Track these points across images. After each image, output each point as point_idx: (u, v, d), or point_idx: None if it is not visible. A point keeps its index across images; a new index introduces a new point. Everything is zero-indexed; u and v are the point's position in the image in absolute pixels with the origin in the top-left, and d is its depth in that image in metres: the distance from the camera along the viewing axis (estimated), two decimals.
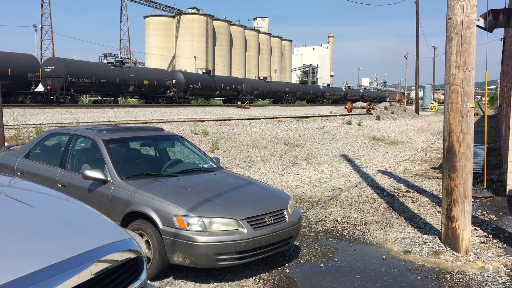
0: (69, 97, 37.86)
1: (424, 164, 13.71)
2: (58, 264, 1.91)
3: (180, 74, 50.76)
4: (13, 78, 33.18)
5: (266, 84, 65.65)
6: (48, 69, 37.13)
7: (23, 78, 34.02)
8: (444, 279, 5.09)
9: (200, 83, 51.93)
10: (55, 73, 36.82)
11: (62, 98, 37.18)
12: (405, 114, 39.38)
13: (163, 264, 4.72)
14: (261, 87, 63.68)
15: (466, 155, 5.79)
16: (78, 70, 38.72)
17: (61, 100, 36.95)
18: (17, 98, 34.47)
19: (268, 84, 65.83)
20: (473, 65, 5.74)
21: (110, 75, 41.48)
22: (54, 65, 37.76)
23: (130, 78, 42.87)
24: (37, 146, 6.63)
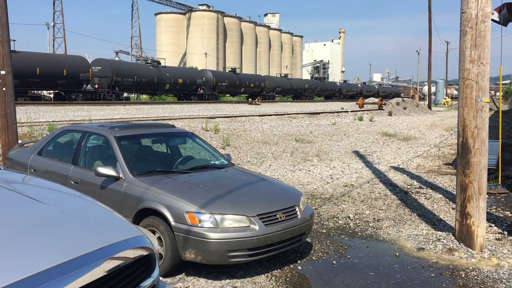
0: (114, 95, 40.89)
1: (437, 160, 13.58)
2: (70, 261, 1.91)
3: (209, 73, 53.38)
4: (68, 78, 36.39)
5: (287, 81, 68.06)
6: (96, 70, 39.90)
7: (76, 78, 37.15)
8: (459, 276, 5.03)
9: (227, 81, 55.04)
10: (102, 73, 39.91)
11: (109, 96, 40.16)
12: (417, 110, 39.05)
13: (175, 260, 4.73)
14: (283, 84, 66.28)
15: (480, 151, 5.71)
16: (122, 70, 42.05)
17: (107, 98, 39.77)
18: (71, 96, 37.49)
19: (289, 81, 68.31)
20: (488, 60, 5.65)
21: (149, 74, 44.72)
22: (101, 65, 40.67)
23: (166, 77, 46.14)
24: (50, 144, 6.67)
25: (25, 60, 33.35)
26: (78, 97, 37.97)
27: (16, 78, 30.50)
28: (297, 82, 71.91)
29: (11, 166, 6.79)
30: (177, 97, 50.39)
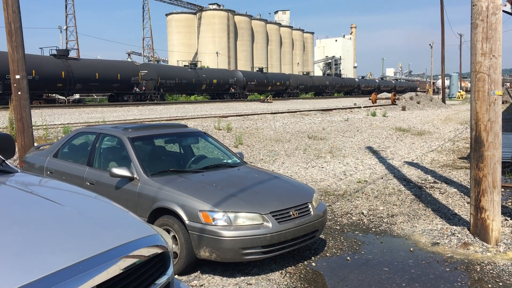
0: (159, 95, 44.73)
1: (452, 154, 13.47)
2: (87, 260, 1.97)
3: (240, 73, 57.67)
4: (121, 82, 40.63)
5: (309, 78, 72.83)
6: (143, 73, 43.70)
7: (128, 81, 41.44)
8: (474, 270, 5.01)
9: (256, 80, 59.50)
10: (149, 76, 43.80)
11: (155, 96, 43.92)
12: (431, 104, 38.69)
13: (190, 259, 4.79)
14: (305, 82, 70.52)
15: (494, 144, 5.66)
16: (165, 73, 46.31)
17: (153, 98, 43.60)
18: (123, 97, 41.57)
19: (311, 79, 73.12)
20: (500, 52, 5.61)
21: (188, 76, 48.88)
22: (147, 69, 44.82)
23: (203, 78, 50.34)
24: (65, 146, 6.78)
25: (86, 67, 37.42)
26: (130, 99, 41.66)
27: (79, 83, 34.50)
28: (319, 79, 76.55)
29: (28, 169, 6.92)
30: (211, 96, 54.27)
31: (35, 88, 32.89)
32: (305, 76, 74.03)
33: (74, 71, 36.37)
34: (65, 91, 37.09)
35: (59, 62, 35.69)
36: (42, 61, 35.31)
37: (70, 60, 36.97)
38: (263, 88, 61.81)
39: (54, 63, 35.57)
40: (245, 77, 57.15)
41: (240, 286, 4.62)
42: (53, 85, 35.33)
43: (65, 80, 35.70)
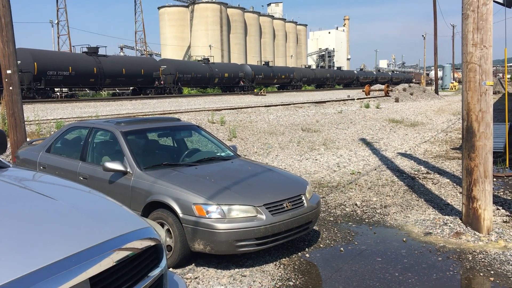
0: (177, 89, 47.35)
1: (445, 145, 13.55)
2: (80, 253, 1.98)
3: (248, 67, 59.90)
4: (144, 76, 43.23)
5: (311, 71, 76.16)
6: (162, 68, 45.90)
7: (150, 76, 43.94)
8: (466, 259, 5.07)
9: (263, 73, 61.89)
10: (168, 71, 46.34)
11: (173, 90, 46.57)
12: (424, 95, 38.81)
13: (185, 252, 4.81)
14: (308, 74, 73.60)
15: (485, 134, 5.71)
16: (183, 68, 48.96)
17: (171, 92, 46.22)
18: (146, 91, 44.35)
19: (313, 72, 76.36)
20: (491, 43, 5.63)
21: (202, 70, 51.31)
22: (166, 64, 47.15)
23: (215, 72, 52.98)
24: (58, 141, 6.76)
25: (114, 63, 40.45)
26: (151, 92, 44.34)
27: (108, 78, 40.31)
28: (320, 72, 79.66)
29: (20, 164, 6.90)
30: (222, 89, 57.02)
31: (71, 83, 37.56)
32: (308, 69, 77.24)
33: (104, 67, 39.04)
34: (96, 85, 39.94)
35: (91, 59, 38.51)
36: (76, 58, 38.06)
37: (100, 57, 39.82)
38: (270, 81, 64.42)
39: (87, 59, 38.23)
40: (253, 71, 59.47)
41: (234, 278, 4.65)
42: (86, 80, 38.16)
43: (97, 75, 38.38)
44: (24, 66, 32.35)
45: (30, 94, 33.51)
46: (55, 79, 35.36)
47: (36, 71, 33.46)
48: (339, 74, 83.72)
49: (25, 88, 32.59)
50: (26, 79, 32.68)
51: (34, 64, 33.37)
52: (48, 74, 34.37)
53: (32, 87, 33.62)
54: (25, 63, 32.66)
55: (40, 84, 34.30)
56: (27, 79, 32.99)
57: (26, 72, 32.49)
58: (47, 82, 34.70)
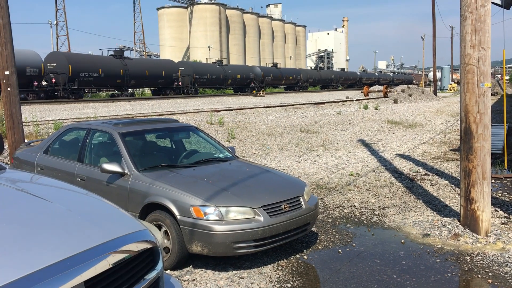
0: (194, 89, 50.34)
1: (443, 147, 13.55)
2: (75, 256, 1.96)
3: (258, 69, 63.03)
4: (165, 78, 46.25)
5: (317, 73, 79.50)
6: (181, 70, 48.98)
7: (170, 77, 46.91)
8: (464, 261, 5.06)
9: (272, 74, 64.94)
10: (186, 73, 49.41)
11: (190, 90, 49.63)
12: (423, 96, 38.84)
13: (182, 253, 4.79)
14: (314, 76, 76.75)
15: (483, 136, 5.70)
16: (199, 70, 52.08)
17: (189, 92, 49.15)
18: (166, 92, 47.10)
19: (318, 73, 79.56)
20: (489, 44, 5.63)
21: (217, 72, 54.37)
22: (184, 67, 50.43)
23: (229, 74, 56.16)
24: (56, 142, 6.75)
25: (138, 65, 43.66)
26: (171, 92, 47.22)
27: (133, 79, 42.11)
28: (325, 73, 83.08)
29: (18, 165, 6.89)
30: (234, 90, 59.85)
31: (100, 84, 40.70)
32: (314, 71, 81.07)
33: (130, 69, 42.11)
34: (122, 86, 42.91)
35: (118, 62, 41.48)
36: (105, 61, 41.25)
37: (126, 60, 43.25)
38: (278, 82, 67.45)
39: (114, 62, 41.12)
40: (263, 72, 62.58)
41: (232, 280, 4.64)
42: (113, 81, 41.02)
43: (123, 76, 41.49)
44: (60, 68, 35.89)
45: (65, 94, 36.32)
46: (87, 80, 38.33)
47: (71, 73, 36.36)
48: (342, 75, 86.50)
49: (61, 89, 35.91)
50: (61, 80, 35.94)
51: (68, 67, 36.25)
52: (81, 76, 37.40)
53: (67, 87, 36.41)
54: (60, 65, 36.03)
55: (74, 85, 37.06)
56: (63, 80, 36.06)
57: (61, 74, 35.85)
58: (80, 83, 37.72)
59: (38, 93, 35.24)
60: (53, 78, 36.14)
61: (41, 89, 35.80)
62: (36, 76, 34.53)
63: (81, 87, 38.74)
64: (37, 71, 34.44)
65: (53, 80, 36.15)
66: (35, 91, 34.89)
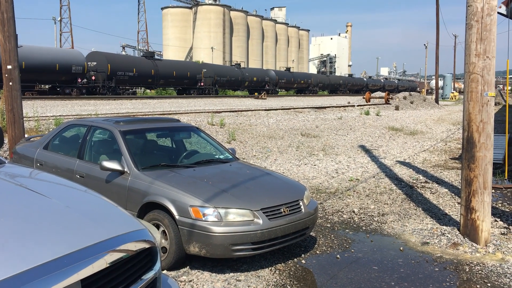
0: (214, 90, 53.12)
1: (444, 155, 13.52)
2: (72, 253, 1.93)
3: (272, 72, 66.43)
4: (190, 78, 49.61)
5: (326, 78, 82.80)
6: (204, 71, 51.62)
7: (194, 78, 50.10)
8: (463, 270, 5.03)
9: (285, 78, 67.98)
10: (208, 74, 51.85)
11: (212, 91, 52.36)
12: (424, 104, 38.82)
13: (180, 254, 4.76)
14: (323, 80, 79.92)
15: (486, 145, 5.68)
16: (220, 72, 55.06)
17: (210, 93, 51.89)
18: (190, 91, 50.18)
19: (328, 78, 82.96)
20: (494, 53, 5.61)
21: (235, 74, 57.82)
22: (207, 68, 52.74)
23: (246, 76, 59.57)
24: (56, 138, 6.72)
25: (167, 66, 46.68)
26: (194, 92, 50.05)
27: (162, 79, 45.83)
28: (334, 78, 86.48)
29: (17, 160, 6.86)
30: (249, 91, 62.16)
31: (134, 83, 43.82)
32: (323, 76, 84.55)
33: (160, 70, 45.09)
34: (152, 85, 46.30)
35: (149, 62, 44.64)
36: (138, 61, 44.87)
37: (156, 61, 46.26)
38: (290, 85, 70.59)
39: (146, 62, 44.36)
40: (277, 76, 65.91)
41: (229, 282, 4.61)
42: (145, 80, 44.14)
43: (154, 76, 44.42)
44: (100, 67, 38.83)
45: (104, 91, 39.14)
46: (123, 78, 41.36)
47: (109, 71, 39.54)
48: (350, 81, 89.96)
49: (100, 86, 39.03)
50: (101, 78, 38.97)
51: (107, 66, 39.36)
52: (118, 74, 40.57)
53: (106, 85, 39.51)
54: (100, 64, 39.00)
55: (112, 83, 40.22)
56: (102, 78, 39.06)
57: (101, 72, 38.79)
58: (116, 81, 40.90)
59: (81, 89, 38.09)
60: (93, 76, 38.86)
61: (84, 86, 38.39)
62: (80, 73, 37.29)
63: (117, 85, 41.60)
64: (81, 69, 37.18)
65: (92, 77, 38.84)
66: (78, 87, 37.69)
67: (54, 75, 35.71)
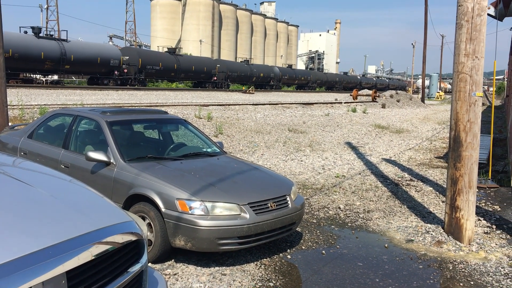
0: (226, 84, 55.96)
1: (429, 153, 13.64)
2: (58, 245, 1.89)
3: (277, 69, 70.85)
4: (206, 73, 53.49)
5: (324, 75, 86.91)
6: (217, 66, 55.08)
7: (209, 72, 54.05)
8: (446, 268, 5.08)
9: (288, 74, 72.93)
10: (221, 69, 55.12)
11: (224, 85, 55.36)
12: (410, 103, 39.13)
13: (165, 247, 4.72)
14: (321, 78, 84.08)
15: (472, 145, 5.73)
16: (232, 67, 58.94)
17: (222, 86, 54.65)
18: (205, 85, 53.65)
19: (325, 75, 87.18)
20: (483, 54, 5.65)
21: (245, 70, 62.08)
22: (220, 64, 55.96)
23: (254, 72, 64.10)
24: (41, 127, 6.61)
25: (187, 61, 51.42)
26: (209, 86, 53.77)
27: (183, 73, 51.03)
28: (331, 75, 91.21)
29: (1, 149, 6.73)
30: (255, 86, 64.16)
31: (160, 76, 48.36)
32: (321, 73, 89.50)
33: (181, 64, 49.46)
34: (175, 78, 50.88)
35: (172, 57, 49.13)
36: (163, 56, 48.59)
37: (178, 56, 50.94)
38: (292, 81, 75.04)
39: (170, 58, 48.72)
40: (281, 72, 70.44)
41: (214, 276, 4.58)
42: (169, 73, 48.54)
43: (176, 70, 48.81)
44: (132, 61, 43.52)
45: (135, 83, 43.79)
46: (151, 71, 45.72)
47: (140, 65, 44.12)
48: (345, 78, 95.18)
49: (132, 78, 43.71)
50: (132, 71, 43.62)
51: (139, 60, 43.88)
52: (147, 68, 45.02)
53: (137, 77, 44.17)
54: (132, 58, 43.62)
55: (142, 75, 44.77)
56: (133, 71, 43.58)
57: (133, 65, 43.49)
58: (146, 74, 45.42)
59: (116, 80, 42.92)
60: (125, 69, 43.40)
61: (119, 77, 43.02)
62: (116, 66, 42.41)
63: (146, 78, 46.22)
64: (117, 62, 42.34)
65: (125, 70, 43.39)
66: (114, 79, 42.70)
67: (95, 67, 40.32)
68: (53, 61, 36.35)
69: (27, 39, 35.13)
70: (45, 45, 35.87)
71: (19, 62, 33.58)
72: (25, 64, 34.49)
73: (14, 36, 33.73)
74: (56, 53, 36.47)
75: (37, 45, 35.19)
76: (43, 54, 35.34)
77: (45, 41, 36.32)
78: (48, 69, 37.16)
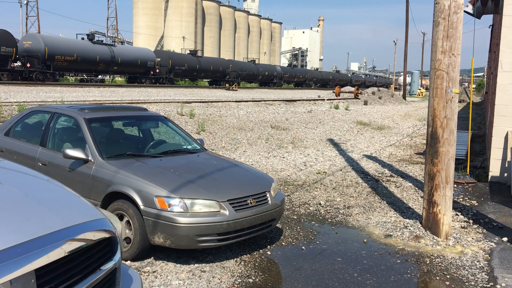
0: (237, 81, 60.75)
1: (409, 150, 13.80)
2: (25, 243, 1.87)
3: (279, 68, 77.31)
4: (221, 72, 60.25)
5: (319, 73, 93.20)
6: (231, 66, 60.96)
7: (224, 72, 60.31)
8: (423, 262, 5.15)
9: (288, 73, 79.38)
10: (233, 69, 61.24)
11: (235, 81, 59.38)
12: (392, 100, 39.52)
13: (144, 244, 4.70)
14: (316, 76, 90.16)
15: (449, 141, 5.81)
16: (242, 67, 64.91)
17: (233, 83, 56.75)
18: (219, 83, 58.98)
19: (320, 73, 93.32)
20: (459, 51, 5.73)
21: (253, 69, 68.17)
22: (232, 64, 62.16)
23: (260, 71, 69.67)
24: (18, 124, 6.51)
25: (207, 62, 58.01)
26: (223, 84, 58.59)
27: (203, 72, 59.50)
28: (325, 74, 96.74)
29: None
30: (260, 84, 72.34)
31: (185, 75, 54.98)
32: (316, 71, 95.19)
33: (202, 65, 56.42)
34: (196, 77, 57.67)
35: (194, 58, 56.06)
36: (187, 58, 55.45)
37: (199, 57, 57.85)
38: (291, 79, 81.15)
39: (193, 59, 55.63)
40: (282, 71, 76.66)
41: (194, 273, 4.58)
42: (192, 73, 55.30)
43: (198, 70, 55.69)
44: (163, 62, 50.34)
45: (165, 82, 50.05)
46: (178, 71, 52.82)
47: (170, 66, 51.01)
48: (337, 76, 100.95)
49: (164, 77, 50.16)
50: (163, 71, 50.27)
51: (169, 61, 51.12)
52: (175, 68, 51.99)
53: (168, 76, 50.83)
54: (163, 60, 50.51)
55: (171, 75, 51.57)
56: (164, 70, 50.25)
57: (164, 66, 50.35)
58: (174, 74, 52.33)
59: (151, 79, 49.26)
60: (157, 69, 49.69)
61: (153, 77, 49.01)
62: (152, 67, 48.80)
63: (174, 77, 52.52)
64: (153, 64, 48.83)
65: (157, 70, 49.66)
66: (150, 78, 48.97)
67: (136, 68, 47.33)
68: (105, 63, 43.25)
69: (86, 44, 42.11)
70: (98, 49, 42.78)
71: (81, 64, 40.74)
72: (85, 66, 41.65)
73: (77, 43, 41.57)
74: (107, 56, 43.35)
75: (93, 50, 42.08)
76: (98, 57, 42.31)
77: (99, 46, 43.46)
78: (101, 70, 44.27)
